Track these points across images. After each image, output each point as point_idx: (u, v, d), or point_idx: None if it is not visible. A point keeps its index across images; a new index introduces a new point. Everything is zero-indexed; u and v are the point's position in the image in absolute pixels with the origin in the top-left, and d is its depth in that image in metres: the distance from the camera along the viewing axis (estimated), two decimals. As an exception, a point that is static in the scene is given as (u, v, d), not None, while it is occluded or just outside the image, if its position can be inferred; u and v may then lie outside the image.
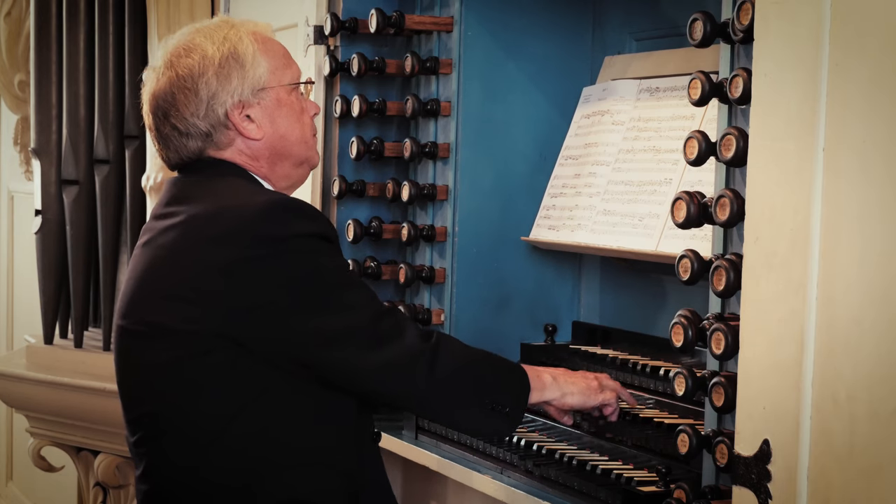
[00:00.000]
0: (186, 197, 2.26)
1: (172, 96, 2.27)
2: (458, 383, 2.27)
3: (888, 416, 1.73)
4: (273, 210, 2.17)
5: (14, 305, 6.77)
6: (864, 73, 1.77)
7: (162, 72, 2.29)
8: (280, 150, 2.32)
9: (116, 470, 4.61)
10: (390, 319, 2.23)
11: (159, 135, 2.32)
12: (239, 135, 2.29)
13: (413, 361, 2.21)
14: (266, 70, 2.30)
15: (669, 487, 2.27)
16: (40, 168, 4.81)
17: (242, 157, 2.30)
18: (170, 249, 2.21)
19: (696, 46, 2.20)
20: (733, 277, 2.05)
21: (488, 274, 3.14)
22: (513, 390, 2.33)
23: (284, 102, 2.32)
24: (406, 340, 2.21)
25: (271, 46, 2.34)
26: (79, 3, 4.63)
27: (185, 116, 2.27)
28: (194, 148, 2.30)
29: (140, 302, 2.23)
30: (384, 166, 3.25)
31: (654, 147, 2.81)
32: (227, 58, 2.27)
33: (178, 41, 2.31)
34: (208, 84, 2.26)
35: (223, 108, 2.27)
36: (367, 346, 2.18)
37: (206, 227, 2.17)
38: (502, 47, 3.13)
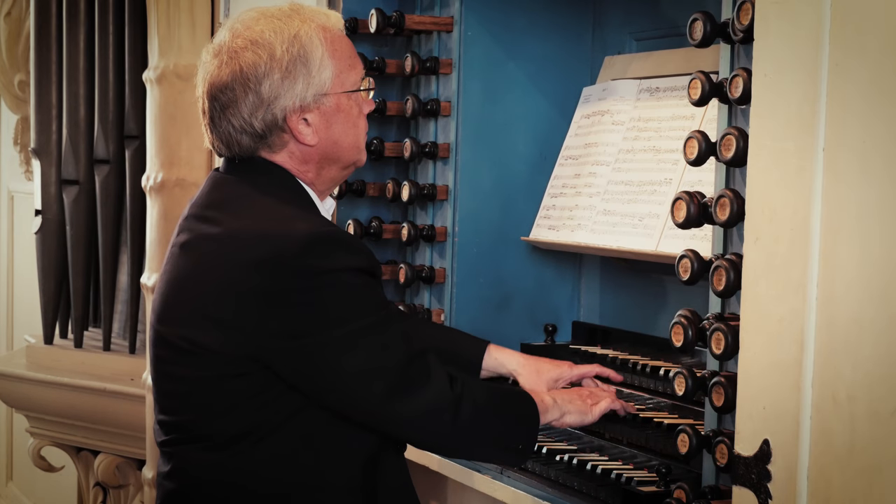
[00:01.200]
0: (229, 203, 2.21)
1: (233, 91, 2.19)
2: (478, 430, 2.26)
3: (888, 415, 1.73)
4: (317, 242, 2.11)
5: (14, 305, 6.78)
6: (863, 74, 1.77)
7: (225, 61, 2.20)
8: (331, 154, 2.27)
9: (116, 470, 4.61)
10: (418, 364, 2.19)
11: (213, 125, 2.24)
12: (293, 139, 2.22)
13: (438, 410, 2.19)
14: (331, 75, 2.22)
15: (669, 487, 2.27)
16: (40, 168, 4.81)
17: (293, 160, 2.25)
18: (209, 263, 2.16)
19: (696, 46, 2.20)
20: (733, 277, 2.05)
21: (488, 274, 3.14)
22: (525, 427, 2.33)
23: (343, 108, 2.26)
24: (430, 390, 2.18)
25: (339, 46, 2.25)
26: (79, 3, 4.64)
27: (243, 114, 2.20)
28: (247, 146, 2.23)
29: (178, 312, 2.20)
30: (384, 166, 3.25)
31: (654, 147, 2.81)
32: (294, 61, 2.19)
33: (244, 28, 2.22)
34: (272, 86, 2.18)
35: (283, 112, 2.20)
36: (390, 391, 2.15)
37: (246, 250, 2.11)
38: (502, 47, 3.13)
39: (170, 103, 4.11)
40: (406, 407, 2.16)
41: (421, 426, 2.20)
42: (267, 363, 2.12)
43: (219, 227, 2.17)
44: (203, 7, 4.12)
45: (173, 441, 2.25)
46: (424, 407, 2.18)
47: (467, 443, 2.28)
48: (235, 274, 2.11)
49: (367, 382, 2.14)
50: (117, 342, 4.70)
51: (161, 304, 2.24)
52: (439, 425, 2.20)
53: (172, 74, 4.11)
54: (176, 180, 4.10)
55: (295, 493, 2.18)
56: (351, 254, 2.14)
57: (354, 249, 2.16)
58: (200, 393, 2.18)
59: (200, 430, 2.20)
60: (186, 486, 2.24)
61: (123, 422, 4.40)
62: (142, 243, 4.40)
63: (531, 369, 2.64)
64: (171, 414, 2.25)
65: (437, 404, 2.19)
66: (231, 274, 2.12)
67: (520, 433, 2.32)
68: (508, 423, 2.31)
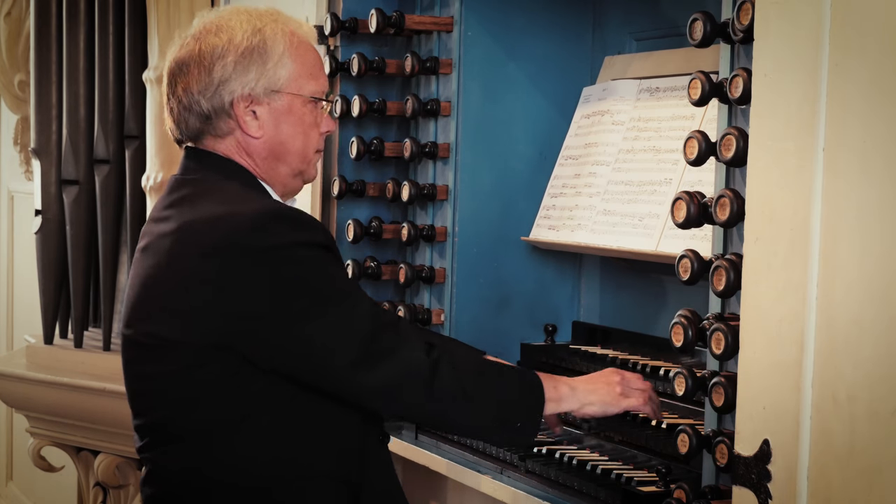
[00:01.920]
0: (182, 200, 2.23)
1: (187, 68, 2.24)
2: (460, 399, 2.20)
3: (888, 415, 1.73)
4: (264, 219, 2.12)
5: (14, 305, 6.77)
6: (863, 74, 1.77)
7: (188, 42, 2.27)
8: (278, 154, 2.27)
9: (116, 470, 4.61)
10: (390, 332, 2.17)
11: (167, 102, 2.29)
12: (238, 127, 2.25)
13: (412, 377, 2.15)
14: (288, 74, 2.25)
15: (669, 487, 2.27)
16: (40, 168, 4.81)
17: (240, 151, 2.26)
18: (165, 258, 2.17)
19: (696, 46, 2.20)
20: (733, 277, 2.05)
21: (488, 274, 3.14)
22: (524, 403, 2.25)
23: (296, 112, 2.27)
24: (404, 357, 2.15)
25: (304, 53, 2.28)
26: (79, 3, 4.63)
27: (192, 91, 2.23)
28: (193, 127, 2.26)
29: (141, 311, 2.22)
30: (384, 166, 3.25)
31: (654, 147, 2.81)
32: (252, 49, 2.23)
33: (215, 17, 2.29)
34: (224, 68, 2.22)
35: (230, 96, 2.23)
36: (362, 361, 2.13)
37: (199, 238, 2.14)
38: (502, 47, 3.13)
39: (170, 103, 4.11)
40: (376, 375, 2.13)
41: (395, 395, 2.16)
42: (233, 348, 2.12)
43: (174, 222, 2.19)
44: (203, 7, 4.12)
45: (149, 445, 2.25)
46: (396, 374, 2.14)
47: (450, 412, 2.20)
48: (191, 262, 2.13)
49: (334, 353, 2.12)
50: (117, 342, 4.69)
51: (127, 308, 2.26)
52: (414, 393, 2.16)
53: (172, 74, 4.10)
54: (176, 180, 4.09)
55: (275, 485, 2.18)
56: (303, 229, 2.14)
57: (306, 225, 2.16)
58: (170, 388, 2.18)
59: (173, 427, 2.20)
60: (164, 489, 2.24)
61: (123, 422, 4.37)
62: (142, 243, 4.39)
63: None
64: (144, 415, 2.25)
65: (410, 370, 2.15)
66: (188, 263, 2.14)
67: (517, 408, 2.24)
68: (500, 394, 2.24)
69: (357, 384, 2.14)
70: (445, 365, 2.18)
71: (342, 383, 2.15)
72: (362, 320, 2.15)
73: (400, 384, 2.16)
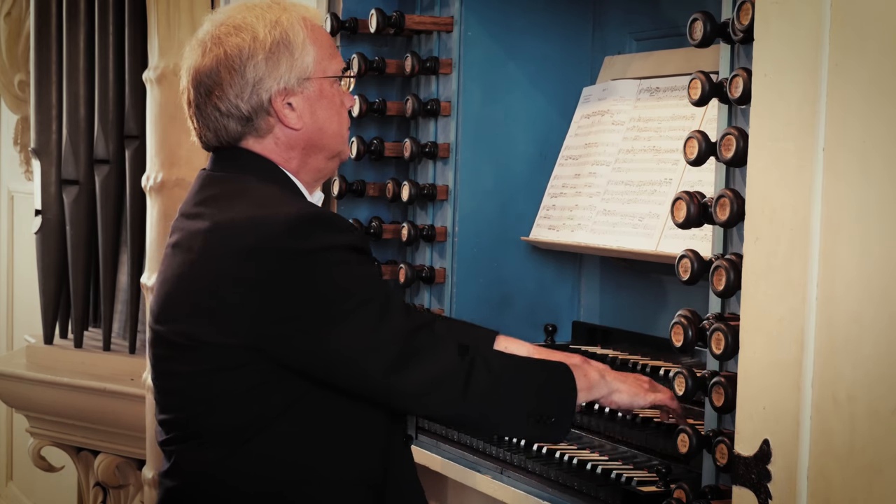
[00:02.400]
0: (216, 198, 2.21)
1: (218, 74, 2.22)
2: (496, 400, 2.19)
3: (888, 415, 1.73)
4: (300, 222, 2.11)
5: (14, 305, 6.78)
6: (863, 74, 1.77)
7: (209, 48, 2.24)
8: (316, 141, 2.28)
9: (116, 470, 4.61)
10: (424, 334, 2.17)
11: (199, 112, 2.26)
12: (279, 122, 2.24)
13: (446, 381, 2.15)
14: (313, 59, 2.26)
15: (669, 487, 2.27)
16: (40, 168, 4.81)
17: (279, 147, 2.26)
18: (200, 258, 2.16)
19: (696, 46, 2.20)
20: (733, 277, 2.05)
21: (488, 274, 3.14)
22: (558, 398, 2.24)
23: (326, 94, 2.28)
24: (438, 359, 2.15)
25: (319, 35, 2.29)
26: (79, 3, 4.64)
27: (229, 97, 2.22)
28: (234, 131, 2.25)
29: (173, 309, 2.21)
30: (384, 166, 3.25)
31: (654, 147, 2.81)
32: (277, 43, 2.22)
33: (226, 17, 2.26)
34: (256, 67, 2.21)
35: (268, 93, 2.22)
36: (396, 364, 2.12)
37: (234, 239, 2.12)
38: (502, 47, 3.13)
39: (170, 103, 4.11)
40: (411, 379, 2.13)
41: (431, 398, 2.16)
42: (266, 351, 2.12)
43: (207, 221, 2.18)
44: (203, 7, 4.12)
45: (173, 440, 2.25)
46: (432, 377, 2.14)
47: (485, 413, 2.20)
48: (225, 263, 2.12)
49: (369, 357, 2.11)
50: (117, 342, 4.70)
51: (157, 303, 2.25)
52: (450, 395, 2.15)
53: (172, 74, 4.10)
54: (176, 180, 4.10)
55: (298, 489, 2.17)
56: (337, 232, 2.14)
57: (340, 228, 2.16)
58: (198, 388, 2.18)
59: (199, 426, 2.20)
60: (185, 484, 2.24)
61: (123, 422, 4.41)
62: (142, 243, 4.40)
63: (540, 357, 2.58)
64: (171, 412, 2.25)
65: (445, 373, 2.15)
66: (221, 264, 2.13)
67: (549, 403, 2.23)
68: (534, 392, 2.23)
69: (391, 387, 2.13)
70: (480, 366, 2.18)
71: (376, 386, 2.14)
72: (397, 322, 2.14)
73: (435, 387, 2.15)
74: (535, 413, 2.22)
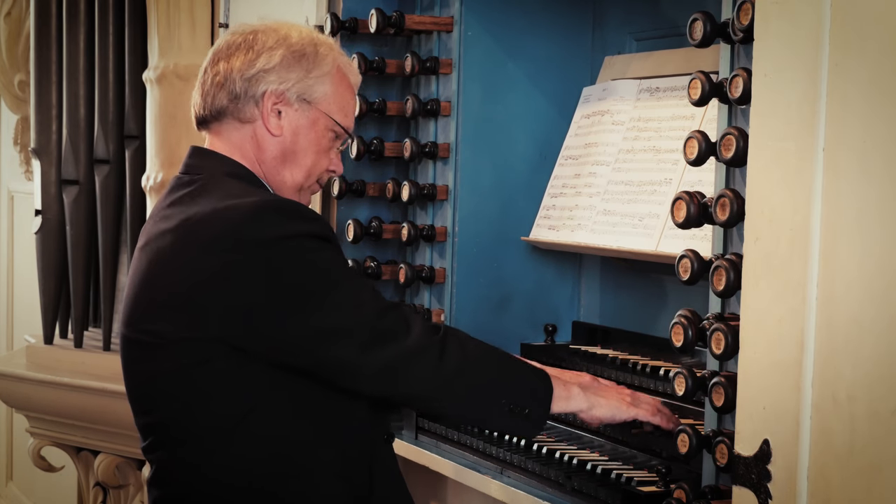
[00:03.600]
0: (183, 198, 2.22)
1: (236, 49, 2.26)
2: (469, 382, 2.19)
3: (888, 415, 1.73)
4: (263, 211, 2.12)
5: (14, 305, 6.78)
6: (863, 74, 1.77)
7: (240, 37, 2.29)
8: (287, 158, 2.28)
9: (116, 470, 4.61)
10: (394, 315, 2.16)
11: (203, 76, 2.30)
12: (260, 118, 2.26)
13: (418, 359, 2.14)
14: (326, 94, 2.29)
15: (669, 487, 2.27)
16: (40, 168, 4.81)
17: (253, 143, 2.27)
18: (164, 255, 2.17)
19: (696, 46, 2.20)
20: (733, 277, 2.05)
21: (488, 274, 3.14)
22: (532, 392, 2.25)
23: (318, 130, 2.30)
24: (411, 337, 2.14)
25: (346, 88, 2.33)
26: (79, 3, 4.63)
27: (232, 68, 2.25)
28: (219, 103, 2.27)
29: (139, 310, 2.20)
30: (384, 166, 3.25)
31: (654, 147, 2.81)
32: (302, 53, 2.27)
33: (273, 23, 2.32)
34: (270, 58, 2.25)
35: (265, 86, 2.25)
36: (368, 343, 2.12)
37: (197, 233, 2.13)
38: (502, 47, 3.13)
39: (170, 103, 4.11)
40: (383, 356, 2.12)
41: (404, 375, 2.15)
42: (232, 342, 2.11)
43: (173, 220, 2.18)
44: (203, 7, 4.12)
45: (152, 446, 2.24)
46: (404, 354, 2.13)
47: (459, 395, 2.19)
48: (189, 256, 2.13)
49: (340, 341, 2.11)
50: (117, 342, 4.69)
51: (126, 308, 2.24)
52: (422, 372, 2.15)
53: (172, 74, 4.11)
54: (176, 180, 4.09)
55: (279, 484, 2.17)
56: (302, 221, 2.14)
57: (306, 217, 2.16)
58: (171, 387, 2.17)
59: (176, 428, 2.19)
60: (170, 488, 2.23)
61: (123, 422, 4.39)
62: (142, 243, 4.40)
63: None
64: (146, 415, 2.24)
65: (417, 350, 2.14)
66: (187, 257, 2.13)
67: (523, 394, 2.23)
68: (507, 384, 2.23)
69: (364, 366, 2.13)
70: (453, 345, 2.18)
71: (349, 368, 2.13)
72: (366, 304, 2.15)
73: (408, 363, 2.14)
74: (508, 402, 2.21)
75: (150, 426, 2.24)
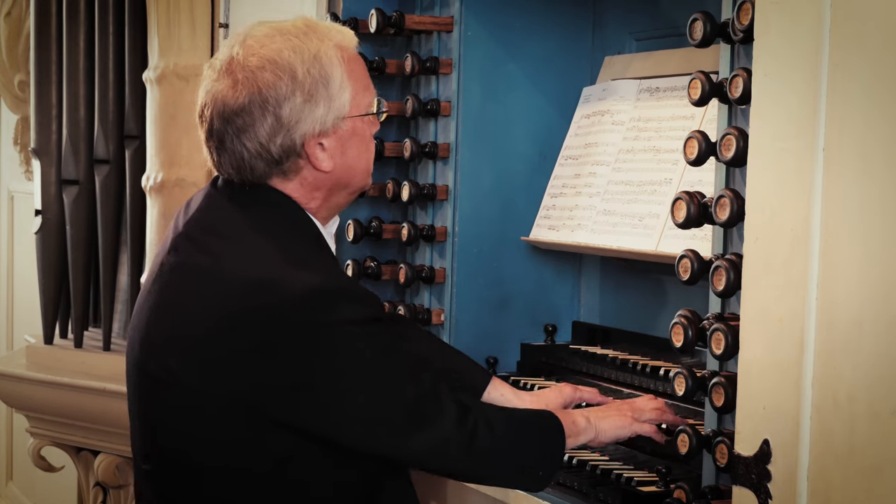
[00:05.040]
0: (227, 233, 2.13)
1: (250, 114, 2.10)
2: (495, 460, 2.22)
3: (888, 415, 1.73)
4: (317, 295, 2.03)
5: (14, 305, 6.78)
6: (864, 74, 1.77)
7: (240, 80, 2.10)
8: (343, 180, 2.20)
9: (116, 470, 4.61)
10: (430, 401, 2.14)
11: (221, 146, 2.14)
12: (309, 164, 2.15)
13: (450, 446, 2.15)
14: (349, 98, 2.16)
15: (669, 487, 2.27)
16: (40, 168, 4.81)
17: (304, 187, 2.17)
18: (200, 300, 2.08)
19: (696, 46, 2.20)
20: (733, 277, 2.05)
21: (488, 274, 3.14)
22: (548, 454, 2.28)
23: (359, 131, 2.20)
24: (445, 423, 2.13)
25: (356, 67, 2.19)
26: (79, 3, 4.63)
27: (260, 139, 2.11)
28: (260, 171, 2.14)
29: (166, 344, 2.12)
30: (384, 166, 3.25)
31: (654, 147, 2.81)
32: (316, 83, 2.11)
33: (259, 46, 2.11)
34: (293, 110, 2.10)
35: (302, 138, 2.12)
36: (404, 430, 2.11)
37: (244, 298, 2.03)
38: (502, 47, 3.13)
39: (170, 103, 4.11)
40: (417, 444, 2.13)
41: (435, 462, 2.18)
42: (263, 409, 2.05)
43: (214, 259, 2.10)
44: (203, 7, 4.12)
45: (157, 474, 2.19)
46: (436, 444, 2.14)
47: (485, 473, 2.26)
48: (227, 315, 2.04)
49: (376, 426, 2.10)
50: (117, 342, 4.70)
51: (144, 328, 2.16)
52: (454, 459, 2.17)
53: (172, 74, 4.11)
54: (176, 180, 4.09)
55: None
56: (353, 303, 2.07)
57: (356, 298, 2.09)
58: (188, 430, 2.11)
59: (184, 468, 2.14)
60: None
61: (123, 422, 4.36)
62: (142, 243, 4.40)
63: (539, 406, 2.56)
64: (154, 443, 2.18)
65: (449, 439, 2.14)
66: (222, 315, 2.04)
67: (541, 460, 2.27)
68: (530, 449, 2.27)
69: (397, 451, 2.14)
70: (483, 430, 2.18)
71: (382, 449, 2.14)
72: (404, 391, 2.12)
73: (439, 451, 2.15)
74: (528, 468, 2.26)
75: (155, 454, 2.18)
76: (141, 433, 2.23)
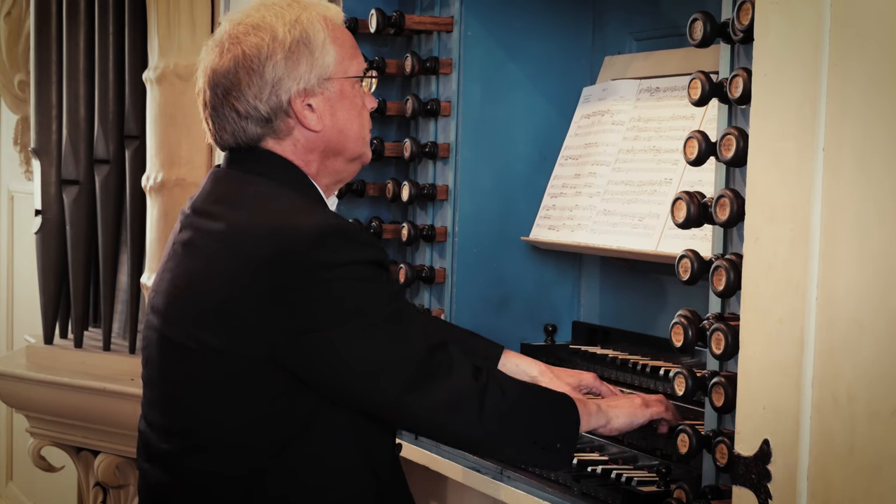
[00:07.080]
0: (232, 197, 2.18)
1: (236, 75, 2.18)
2: (507, 423, 2.19)
3: (888, 415, 1.73)
4: (326, 236, 2.07)
5: (14, 305, 6.78)
6: (863, 74, 1.77)
7: (226, 48, 2.19)
8: (336, 144, 2.24)
9: (116, 470, 4.61)
10: (440, 356, 2.14)
11: (216, 114, 2.22)
12: (298, 124, 2.21)
13: (461, 403, 2.14)
14: (334, 59, 2.22)
15: (669, 487, 2.27)
16: (40, 168, 4.81)
17: (298, 149, 2.22)
18: (216, 263, 2.12)
19: (696, 46, 2.20)
20: (733, 277, 2.05)
21: (488, 274, 3.14)
22: (562, 427, 2.26)
23: (347, 95, 2.25)
24: (455, 378, 2.13)
25: (340, 34, 2.25)
26: (79, 3, 4.64)
27: (248, 98, 2.18)
28: (252, 133, 2.21)
29: (185, 312, 2.15)
30: (384, 166, 3.25)
31: (654, 147, 2.81)
32: (297, 42, 2.18)
33: (244, 16, 2.22)
34: (276, 67, 2.17)
35: (287, 94, 2.18)
36: (413, 383, 2.10)
37: (255, 248, 2.07)
38: (502, 47, 3.13)
39: (170, 103, 4.11)
40: (426, 398, 2.11)
41: (444, 418, 2.14)
42: (279, 361, 2.08)
43: (222, 222, 2.14)
44: (203, 7, 4.12)
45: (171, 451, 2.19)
46: (446, 397, 2.12)
47: (496, 437, 2.19)
48: (243, 271, 2.08)
49: (384, 375, 2.09)
50: (117, 342, 4.70)
51: (165, 303, 2.20)
52: (464, 417, 2.14)
53: (172, 74, 4.11)
54: (176, 180, 4.09)
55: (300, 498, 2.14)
56: (361, 246, 2.11)
57: (364, 242, 2.13)
58: (209, 396, 2.14)
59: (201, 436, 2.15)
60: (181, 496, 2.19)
61: (123, 422, 4.40)
62: (142, 243, 4.40)
63: (550, 376, 2.58)
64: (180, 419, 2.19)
65: (460, 394, 2.13)
66: (238, 271, 2.08)
67: (556, 431, 2.24)
68: (542, 419, 2.24)
69: (406, 406, 2.12)
70: (494, 390, 2.17)
71: (391, 404, 2.12)
72: (414, 341, 2.12)
73: (450, 408, 2.14)
74: (542, 439, 2.23)
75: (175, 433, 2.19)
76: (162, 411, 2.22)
